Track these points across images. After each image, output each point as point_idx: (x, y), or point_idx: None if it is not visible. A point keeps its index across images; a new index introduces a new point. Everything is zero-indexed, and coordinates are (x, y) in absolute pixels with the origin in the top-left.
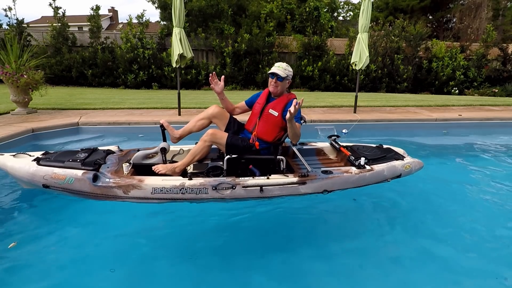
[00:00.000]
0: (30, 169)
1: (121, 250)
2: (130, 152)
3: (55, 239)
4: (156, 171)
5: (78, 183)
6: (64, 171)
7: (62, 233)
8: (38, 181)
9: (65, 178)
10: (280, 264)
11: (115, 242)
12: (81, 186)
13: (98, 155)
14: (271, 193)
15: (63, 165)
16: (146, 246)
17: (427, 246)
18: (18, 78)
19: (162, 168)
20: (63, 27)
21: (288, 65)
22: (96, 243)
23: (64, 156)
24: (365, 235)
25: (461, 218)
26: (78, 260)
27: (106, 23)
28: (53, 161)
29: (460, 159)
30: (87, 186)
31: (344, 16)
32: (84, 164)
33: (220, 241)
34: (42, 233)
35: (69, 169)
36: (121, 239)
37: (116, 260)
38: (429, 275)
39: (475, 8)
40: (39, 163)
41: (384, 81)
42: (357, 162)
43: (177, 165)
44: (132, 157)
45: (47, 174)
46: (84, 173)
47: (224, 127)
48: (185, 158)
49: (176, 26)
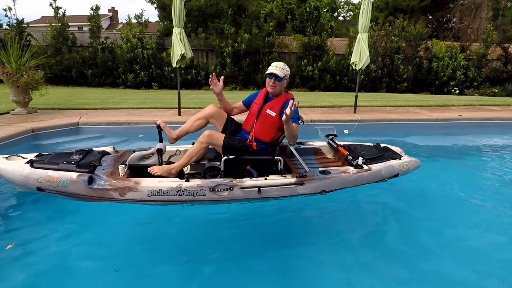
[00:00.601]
0: (23, 172)
1: (117, 251)
2: (126, 153)
3: (50, 241)
4: (151, 172)
5: (73, 186)
6: (59, 173)
7: (58, 235)
8: (32, 184)
9: (60, 181)
10: (277, 263)
11: (112, 243)
12: (76, 189)
13: (93, 156)
14: (269, 194)
15: (58, 167)
16: (141, 248)
17: (427, 246)
18: (18, 78)
19: (157, 169)
20: (63, 27)
21: (285, 65)
22: (92, 244)
23: (58, 158)
24: (364, 235)
25: (461, 218)
26: (74, 261)
27: (106, 23)
28: (47, 163)
29: (460, 159)
30: (82, 189)
31: (344, 16)
32: (79, 166)
33: (218, 242)
34: (38, 236)
35: (63, 171)
36: (117, 241)
37: (113, 261)
38: (428, 276)
39: (475, 8)
40: (33, 166)
41: (384, 81)
42: (355, 162)
43: (173, 166)
44: (128, 158)
45: (41, 177)
46: (79, 175)
47: (221, 127)
48: (181, 159)
49: (176, 26)
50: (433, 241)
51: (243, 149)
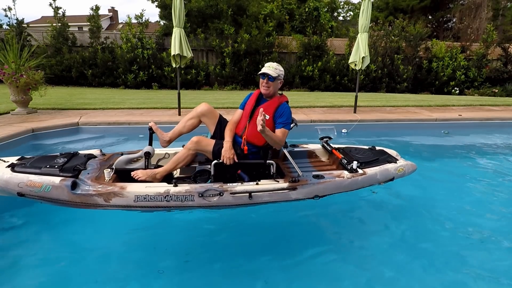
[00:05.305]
0: (3, 176)
1: (106, 257)
2: (113, 156)
3: (31, 248)
4: (135, 177)
5: (55, 191)
6: (41, 178)
7: (40, 242)
8: (13, 189)
9: (42, 186)
10: (273, 267)
11: (99, 250)
12: (58, 195)
13: (78, 160)
14: (261, 199)
15: (40, 171)
16: (134, 253)
17: (425, 246)
18: (17, 78)
19: (141, 174)
20: (63, 27)
21: (279, 65)
22: (78, 250)
23: (41, 162)
24: (363, 235)
25: (460, 218)
26: (60, 267)
27: (106, 23)
28: (29, 168)
29: (460, 159)
30: (65, 195)
31: (344, 16)
32: (62, 171)
33: (210, 245)
34: (17, 242)
35: (46, 175)
36: (105, 246)
37: (106, 265)
38: (427, 276)
39: (475, 8)
40: (14, 170)
41: (384, 81)
42: (349, 166)
43: (158, 171)
44: (115, 161)
45: (22, 182)
46: (62, 180)
47: (213, 126)
48: (167, 164)
49: (176, 26)
50: (433, 241)
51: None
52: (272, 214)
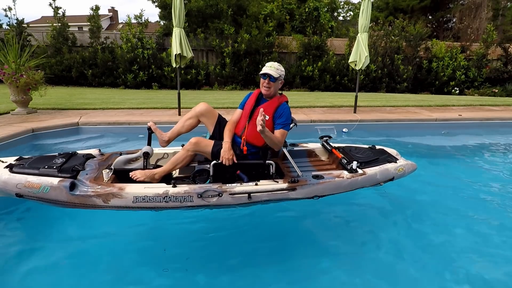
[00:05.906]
0: (1, 177)
1: (105, 257)
2: (112, 156)
3: (31, 247)
4: (133, 177)
5: (54, 192)
6: (39, 179)
7: (40, 242)
8: (11, 190)
9: (40, 187)
10: (273, 268)
11: (99, 250)
12: (57, 196)
13: (77, 160)
14: (260, 199)
15: (38, 172)
16: (133, 253)
17: (425, 246)
18: (17, 78)
19: (140, 174)
20: (63, 27)
21: (280, 65)
22: (78, 250)
23: (39, 163)
24: (363, 235)
25: (460, 218)
26: (60, 267)
27: (106, 23)
28: (27, 168)
29: (460, 159)
30: (63, 195)
31: (344, 16)
32: (61, 171)
33: (208, 246)
34: (16, 243)
35: (44, 176)
36: (105, 246)
37: (103, 266)
38: (427, 276)
39: (475, 8)
40: (12, 171)
41: (384, 81)
42: (349, 166)
43: (156, 171)
44: (114, 162)
45: (20, 183)
46: (61, 181)
47: (212, 126)
48: (166, 165)
49: (176, 26)
50: (433, 241)
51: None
52: (272, 214)
